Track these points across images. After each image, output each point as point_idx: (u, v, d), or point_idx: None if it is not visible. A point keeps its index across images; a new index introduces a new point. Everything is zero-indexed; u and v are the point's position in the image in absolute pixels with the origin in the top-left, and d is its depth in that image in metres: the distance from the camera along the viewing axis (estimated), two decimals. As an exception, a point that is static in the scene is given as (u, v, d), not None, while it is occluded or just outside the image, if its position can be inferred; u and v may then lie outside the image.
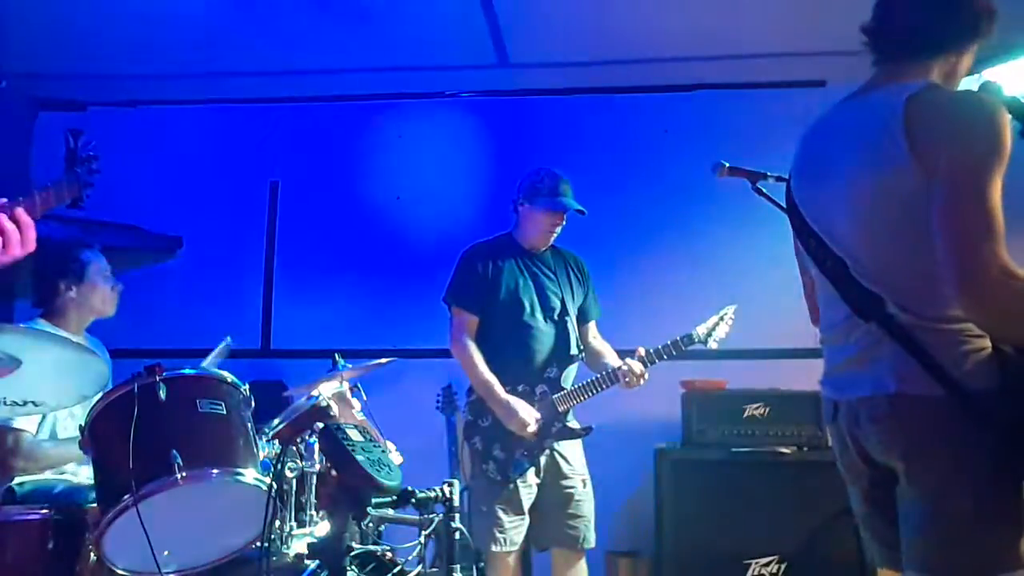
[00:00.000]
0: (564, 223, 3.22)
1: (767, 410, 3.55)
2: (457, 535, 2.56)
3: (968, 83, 3.84)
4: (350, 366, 2.78)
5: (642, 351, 3.12)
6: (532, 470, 3.07)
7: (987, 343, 1.54)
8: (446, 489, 2.55)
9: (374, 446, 2.22)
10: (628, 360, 3.10)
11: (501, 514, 3.02)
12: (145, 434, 2.08)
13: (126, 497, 2.02)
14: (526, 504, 3.06)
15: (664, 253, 4.24)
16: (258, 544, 2.22)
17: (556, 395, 3.11)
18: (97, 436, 2.19)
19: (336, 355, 2.87)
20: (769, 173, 2.28)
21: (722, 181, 2.36)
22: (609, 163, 4.34)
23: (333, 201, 4.53)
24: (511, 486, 3.04)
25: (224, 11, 3.71)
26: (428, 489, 2.52)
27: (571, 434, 3.14)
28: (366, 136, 4.56)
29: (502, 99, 4.54)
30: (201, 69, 4.29)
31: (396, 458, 2.70)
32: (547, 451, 3.10)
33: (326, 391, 2.40)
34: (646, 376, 3.09)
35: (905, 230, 1.57)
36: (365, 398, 2.81)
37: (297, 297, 4.48)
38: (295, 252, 4.54)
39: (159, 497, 2.05)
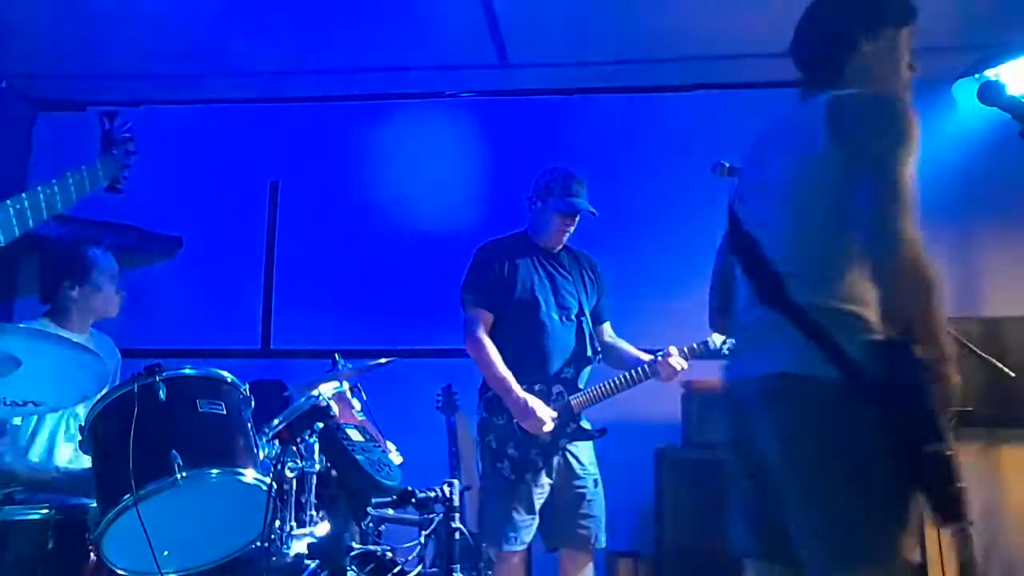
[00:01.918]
0: (577, 223, 3.21)
1: (767, 410, 3.55)
2: (457, 535, 2.56)
3: (968, 83, 3.84)
4: (350, 366, 2.78)
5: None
6: (544, 470, 3.06)
7: (878, 333, 1.62)
8: (446, 489, 2.56)
9: (374, 446, 2.23)
10: (672, 349, 3.09)
11: (513, 513, 3.01)
12: (145, 434, 2.08)
13: (126, 497, 2.02)
14: (537, 503, 3.04)
15: (662, 254, 4.24)
16: (258, 544, 2.22)
17: (573, 396, 3.10)
18: (97, 436, 2.19)
19: (336, 355, 2.87)
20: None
21: (722, 181, 2.37)
22: (608, 163, 4.33)
23: (333, 201, 4.53)
24: (524, 485, 3.02)
25: (224, 11, 3.72)
26: (428, 489, 2.53)
27: (585, 435, 3.13)
28: (366, 136, 4.56)
29: (502, 99, 4.55)
30: (201, 69, 4.29)
31: (396, 458, 2.71)
32: (560, 451, 3.08)
33: (326, 391, 2.40)
34: (686, 367, 3.10)
35: (819, 215, 1.69)
36: (365, 398, 2.81)
37: (297, 297, 4.48)
38: (295, 252, 4.54)
39: (159, 497, 2.05)
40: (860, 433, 1.56)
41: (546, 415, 3.01)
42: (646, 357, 3.16)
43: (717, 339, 3.18)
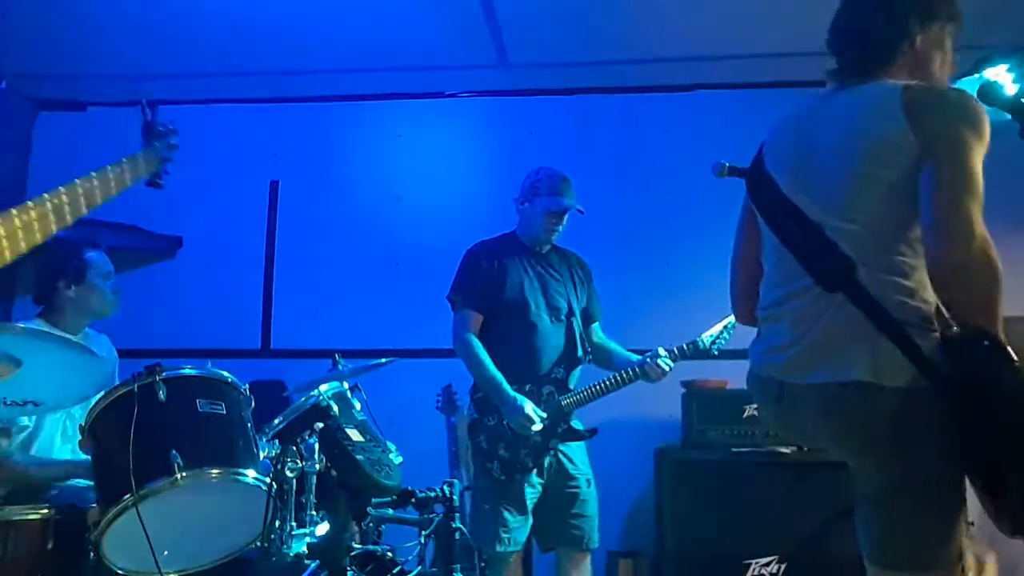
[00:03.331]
0: (565, 222, 3.22)
1: (767, 410, 3.54)
2: (457, 535, 2.56)
3: (968, 83, 3.84)
4: (350, 366, 2.78)
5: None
6: (535, 470, 3.06)
7: (940, 329, 1.60)
8: (446, 489, 2.56)
9: (374, 446, 2.23)
10: (662, 350, 3.09)
11: (505, 514, 3.01)
12: (145, 434, 2.08)
13: (126, 497, 2.02)
14: (530, 504, 3.05)
15: (664, 253, 4.24)
16: (258, 544, 2.22)
17: (563, 396, 3.10)
18: (97, 436, 2.20)
19: (336, 355, 2.87)
20: (769, 173, 2.28)
21: (722, 181, 2.36)
22: (609, 163, 4.34)
23: (333, 201, 4.53)
24: (515, 486, 3.03)
25: (224, 11, 3.71)
26: (428, 489, 2.53)
27: (576, 435, 3.13)
28: (366, 136, 4.56)
29: (502, 99, 4.54)
30: (201, 69, 4.29)
31: (396, 458, 2.71)
32: (551, 451, 3.09)
33: (326, 391, 2.40)
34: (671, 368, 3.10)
35: (890, 203, 1.64)
36: (365, 398, 2.81)
37: (297, 297, 4.48)
38: (295, 252, 4.53)
39: (159, 497, 2.05)
40: (925, 444, 1.55)
41: (535, 415, 3.01)
42: (635, 358, 3.17)
43: (706, 339, 3.18)
